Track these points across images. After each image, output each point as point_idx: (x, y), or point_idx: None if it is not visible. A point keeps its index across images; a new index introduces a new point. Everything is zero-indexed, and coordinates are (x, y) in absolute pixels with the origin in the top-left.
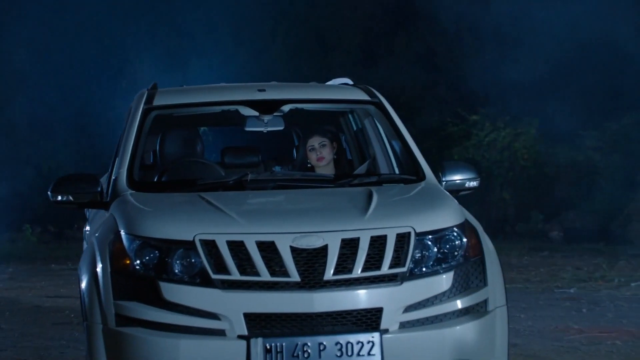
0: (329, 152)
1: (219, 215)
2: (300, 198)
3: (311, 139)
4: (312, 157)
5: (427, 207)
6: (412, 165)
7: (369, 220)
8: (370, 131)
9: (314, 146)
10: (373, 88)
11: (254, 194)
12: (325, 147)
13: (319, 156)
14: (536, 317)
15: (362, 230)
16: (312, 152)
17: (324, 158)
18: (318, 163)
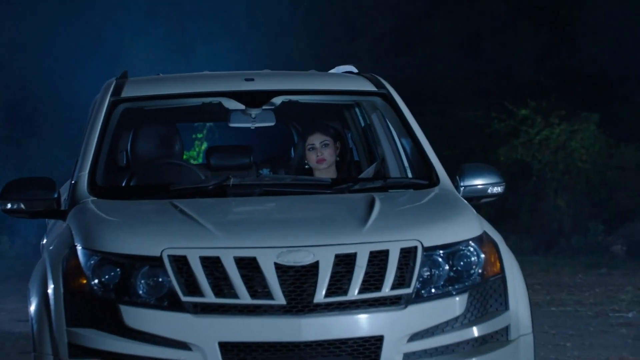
0: (331, 154)
1: (192, 227)
2: (289, 206)
3: (311, 137)
4: (311, 158)
5: (438, 216)
6: (425, 167)
7: (368, 232)
8: (378, 127)
9: (314, 145)
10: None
11: (236, 201)
12: (327, 147)
13: (319, 157)
14: (585, 347)
15: (360, 244)
16: (311, 152)
17: (325, 160)
18: (318, 165)
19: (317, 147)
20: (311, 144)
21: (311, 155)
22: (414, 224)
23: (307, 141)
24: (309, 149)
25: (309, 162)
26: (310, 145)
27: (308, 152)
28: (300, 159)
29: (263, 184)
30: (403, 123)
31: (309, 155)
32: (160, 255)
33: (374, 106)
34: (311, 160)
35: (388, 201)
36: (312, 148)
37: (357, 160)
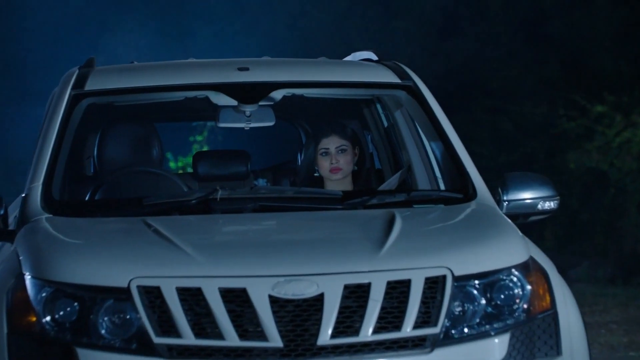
0: (348, 162)
1: (168, 250)
2: (289, 225)
3: (326, 139)
4: (323, 165)
5: (473, 238)
6: (459, 177)
7: (385, 257)
8: (403, 128)
9: (328, 150)
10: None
11: (223, 219)
12: (344, 153)
13: (333, 165)
14: None
15: (375, 272)
16: (324, 158)
17: (341, 169)
18: (331, 175)
19: (331, 153)
20: (325, 148)
21: (324, 161)
22: (442, 247)
23: (320, 144)
24: (321, 153)
25: (320, 169)
26: (324, 150)
27: (320, 157)
28: (309, 165)
29: (257, 197)
30: (433, 122)
31: (320, 162)
32: (127, 286)
33: (398, 102)
34: (323, 167)
35: (411, 219)
36: (326, 153)
37: (378, 169)
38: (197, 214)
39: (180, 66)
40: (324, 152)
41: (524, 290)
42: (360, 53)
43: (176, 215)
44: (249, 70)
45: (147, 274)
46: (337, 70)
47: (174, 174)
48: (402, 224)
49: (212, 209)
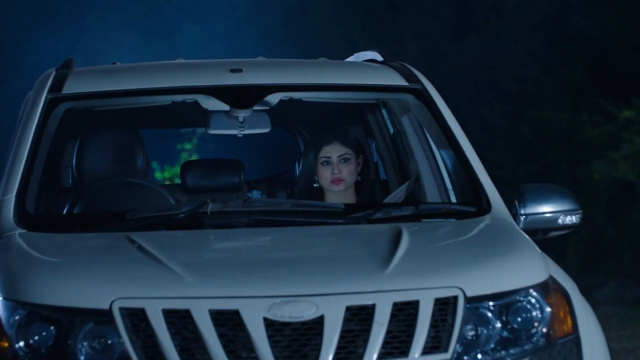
0: (351, 172)
1: (154, 269)
2: (286, 242)
3: (328, 147)
4: (324, 175)
5: (487, 255)
6: (472, 189)
7: (391, 277)
8: (411, 135)
9: (330, 159)
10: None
11: (215, 235)
12: (347, 162)
13: (335, 176)
14: None
15: (380, 292)
16: (325, 167)
17: (343, 180)
18: (332, 186)
19: (333, 162)
20: (326, 157)
21: (324, 171)
22: (454, 265)
23: (321, 152)
24: (322, 162)
25: (321, 180)
26: (325, 159)
27: (321, 167)
28: (308, 175)
29: (251, 211)
30: (443, 129)
31: (321, 172)
32: (109, 308)
33: (405, 106)
34: (324, 178)
35: (420, 235)
36: (327, 162)
37: (383, 180)
38: (185, 229)
39: (167, 67)
40: (325, 161)
41: (543, 313)
42: (364, 53)
43: (162, 231)
44: (242, 71)
45: (131, 295)
46: (339, 72)
47: (160, 186)
48: (409, 240)
49: (202, 223)
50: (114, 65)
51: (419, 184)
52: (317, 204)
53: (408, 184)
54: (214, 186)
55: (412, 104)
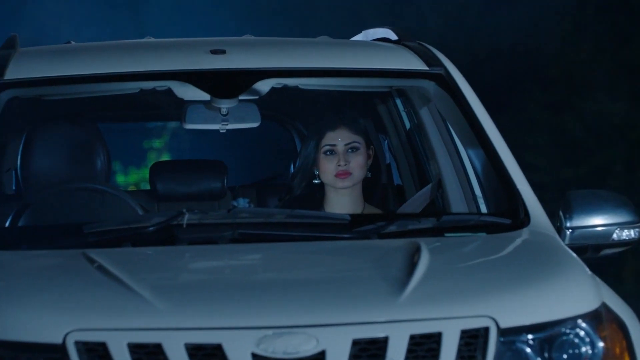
0: (360, 165)
1: (118, 294)
2: (279, 261)
3: (332, 133)
4: (326, 168)
5: (525, 279)
6: (506, 196)
7: (407, 303)
8: (432, 131)
9: (334, 147)
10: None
11: (192, 252)
12: (356, 152)
13: (342, 168)
14: None
15: (394, 323)
16: (329, 158)
17: (350, 174)
18: (337, 181)
19: (339, 152)
20: (330, 145)
21: (328, 162)
22: (484, 290)
23: (325, 139)
24: (326, 152)
25: (323, 174)
26: (329, 147)
27: (324, 157)
28: (307, 169)
29: (236, 223)
30: (471, 123)
31: (324, 163)
32: (63, 342)
33: (425, 95)
34: (327, 170)
35: (443, 252)
36: (331, 152)
37: (398, 185)
38: (155, 245)
39: (133, 48)
40: (329, 149)
41: (595, 348)
42: (374, 30)
43: (128, 247)
44: (226, 53)
45: (89, 326)
46: (344, 54)
47: (124, 192)
48: (429, 259)
49: (176, 238)
50: (68, 44)
51: (442, 190)
52: (318, 214)
53: (427, 190)
54: (191, 193)
55: (433, 93)
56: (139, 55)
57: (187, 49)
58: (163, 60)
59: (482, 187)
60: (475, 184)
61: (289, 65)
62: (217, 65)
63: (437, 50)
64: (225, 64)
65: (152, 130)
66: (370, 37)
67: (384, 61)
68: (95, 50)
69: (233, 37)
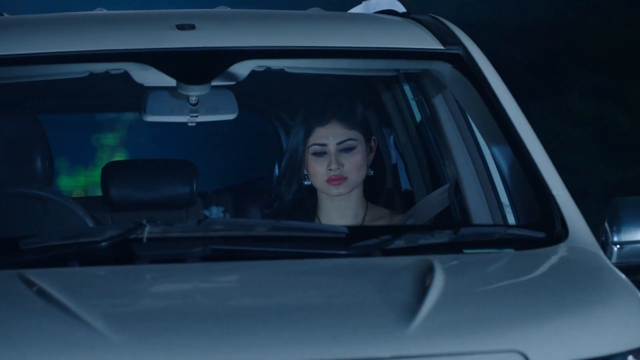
0: (357, 166)
1: (63, 324)
2: (261, 284)
3: (322, 129)
4: (316, 170)
5: (561, 306)
6: (539, 204)
7: (417, 335)
8: (448, 124)
9: (325, 146)
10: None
11: (154, 273)
12: (352, 152)
13: (334, 173)
14: None
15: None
16: (318, 159)
17: (345, 179)
18: (329, 188)
19: (330, 152)
20: (319, 144)
21: (317, 165)
22: (512, 319)
23: (313, 137)
24: (314, 152)
25: (312, 177)
26: (318, 147)
27: (312, 158)
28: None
29: (209, 237)
30: (496, 115)
31: (312, 164)
32: None
33: (440, 80)
34: (317, 174)
35: (460, 273)
36: (321, 152)
37: (406, 190)
38: (109, 264)
39: (82, 22)
40: (318, 149)
41: None
42: (377, 1)
43: (75, 267)
44: (196, 28)
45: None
46: (340, 30)
47: (70, 199)
48: (444, 281)
49: (134, 256)
50: (1, 17)
51: (460, 197)
52: (308, 226)
53: (443, 195)
54: (153, 199)
55: (450, 77)
56: (88, 30)
57: (147, 24)
58: (118, 37)
59: (509, 192)
60: (501, 188)
61: (272, 44)
62: (184, 44)
63: (453, 25)
64: (195, 42)
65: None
66: (372, 10)
67: (389, 39)
68: (33, 25)
69: (204, 9)
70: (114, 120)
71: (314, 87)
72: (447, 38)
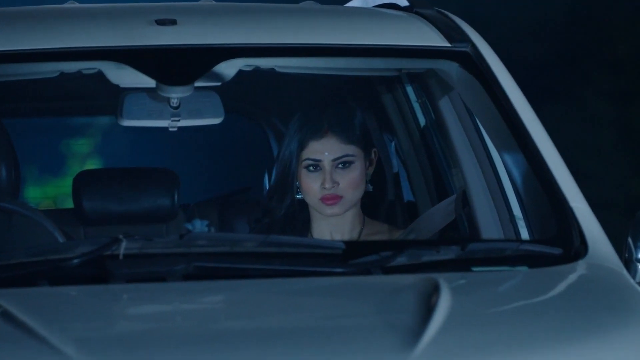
0: (354, 183)
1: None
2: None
3: (316, 142)
4: (310, 187)
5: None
6: (555, 216)
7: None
8: (454, 129)
9: (320, 162)
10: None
11: (131, 293)
12: (349, 168)
13: (328, 192)
14: None
15: None
16: (312, 176)
17: (341, 198)
18: (323, 207)
19: (325, 168)
20: (313, 160)
21: (311, 181)
22: (524, 345)
23: (306, 152)
24: (308, 166)
25: (306, 194)
26: (312, 162)
27: (306, 173)
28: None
29: (192, 253)
30: (507, 118)
31: (306, 180)
32: None
33: (445, 81)
34: (310, 191)
35: (468, 293)
36: (315, 167)
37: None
38: (82, 284)
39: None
40: (311, 163)
41: None
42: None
43: (44, 287)
44: (177, 23)
45: None
46: (336, 26)
47: (37, 211)
48: (451, 302)
49: (109, 275)
50: None
51: (468, 208)
52: (300, 241)
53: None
54: (130, 212)
55: (457, 77)
56: (58, 26)
57: (124, 18)
58: (91, 33)
59: (522, 204)
60: (514, 200)
61: (261, 41)
62: (164, 41)
63: (462, 21)
64: (176, 39)
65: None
66: (372, 3)
67: (390, 35)
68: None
69: (186, 3)
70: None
71: (307, 88)
72: (454, 34)
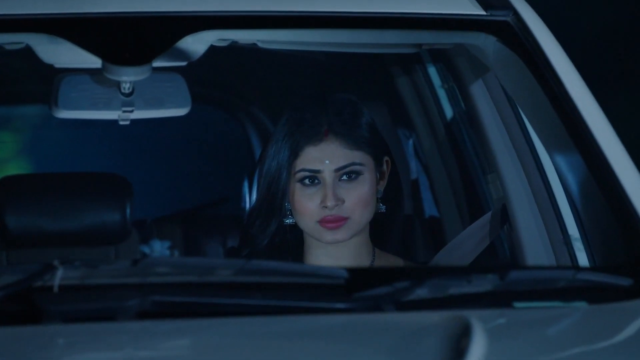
0: (364, 200)
1: None
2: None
3: (312, 149)
4: (304, 208)
5: None
6: (623, 236)
7: None
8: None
9: (319, 173)
10: None
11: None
12: (356, 180)
13: (329, 213)
14: None
15: None
16: (308, 192)
17: (345, 220)
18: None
19: (326, 180)
20: (311, 171)
21: (307, 198)
22: None
23: (300, 160)
24: (302, 179)
25: (299, 216)
26: (309, 173)
27: (300, 188)
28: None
29: (148, 284)
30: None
31: (299, 198)
32: None
33: (480, 60)
34: (306, 212)
35: (509, 337)
36: (312, 180)
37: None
38: (5, 324)
39: None
40: (309, 176)
41: None
42: None
43: None
44: None
45: None
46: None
47: None
48: (485, 347)
49: (41, 312)
50: None
51: (509, 224)
52: (291, 268)
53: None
54: (68, 230)
55: (494, 55)
56: None
57: None
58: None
59: (579, 220)
60: (569, 215)
61: (240, 9)
62: (113, 8)
63: None
64: (129, 6)
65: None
66: None
67: (410, 2)
68: None
69: None
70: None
71: (299, 71)
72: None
